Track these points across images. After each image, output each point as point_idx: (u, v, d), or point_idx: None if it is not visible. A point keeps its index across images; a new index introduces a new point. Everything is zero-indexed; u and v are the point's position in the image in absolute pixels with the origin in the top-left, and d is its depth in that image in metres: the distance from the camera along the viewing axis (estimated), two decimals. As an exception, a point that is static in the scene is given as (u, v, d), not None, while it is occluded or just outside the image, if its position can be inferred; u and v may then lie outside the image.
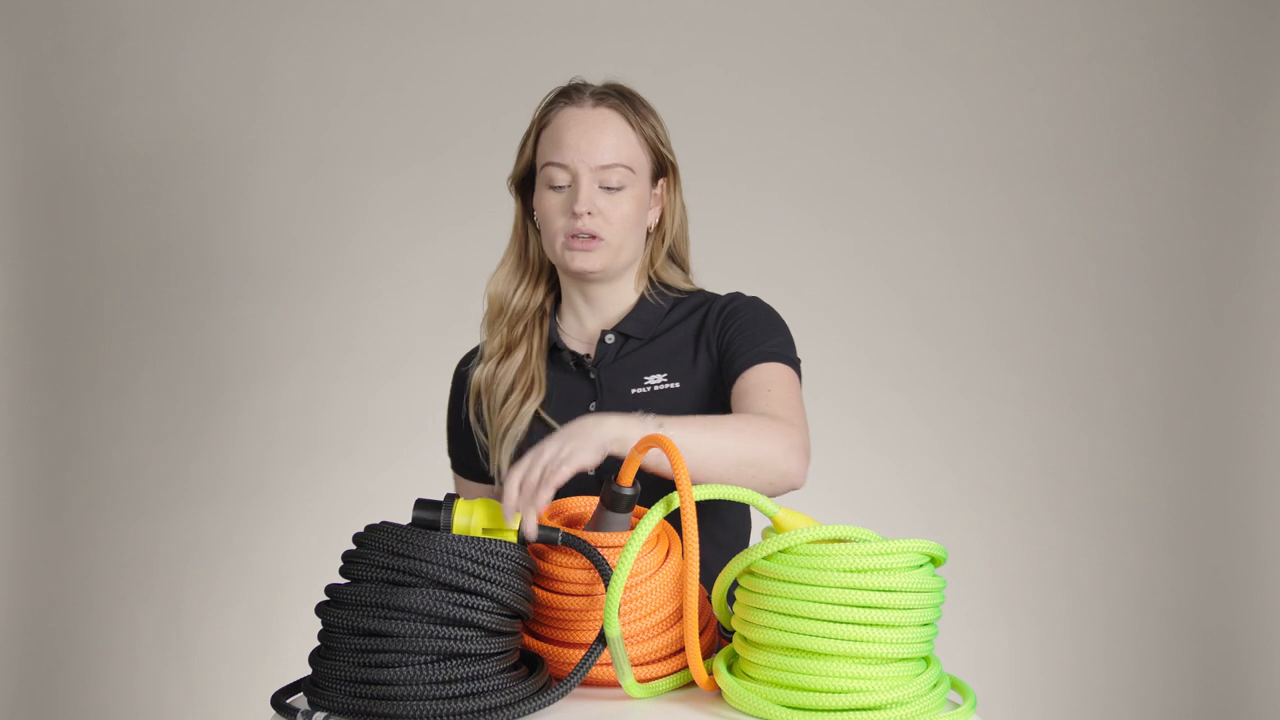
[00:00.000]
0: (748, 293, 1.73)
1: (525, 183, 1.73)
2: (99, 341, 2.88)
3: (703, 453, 1.35)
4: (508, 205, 1.78)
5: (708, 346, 1.65)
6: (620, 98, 1.68)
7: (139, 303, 2.88)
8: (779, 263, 2.92)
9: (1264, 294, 3.01)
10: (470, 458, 1.76)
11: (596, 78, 1.73)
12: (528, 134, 1.71)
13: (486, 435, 1.71)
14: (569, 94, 1.68)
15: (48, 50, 2.87)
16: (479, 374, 1.71)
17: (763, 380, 1.57)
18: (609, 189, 1.64)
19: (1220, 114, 3.02)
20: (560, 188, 1.64)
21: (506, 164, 1.76)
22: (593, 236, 1.63)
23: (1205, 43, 3.02)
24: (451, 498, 1.25)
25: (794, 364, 1.62)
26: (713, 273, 1.82)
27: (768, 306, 1.69)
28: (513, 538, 1.23)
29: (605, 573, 1.20)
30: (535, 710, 1.16)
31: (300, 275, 2.90)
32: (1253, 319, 3.02)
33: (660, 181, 1.72)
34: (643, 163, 1.67)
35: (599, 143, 1.63)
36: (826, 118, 2.98)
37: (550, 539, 1.23)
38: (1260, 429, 3.01)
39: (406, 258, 2.91)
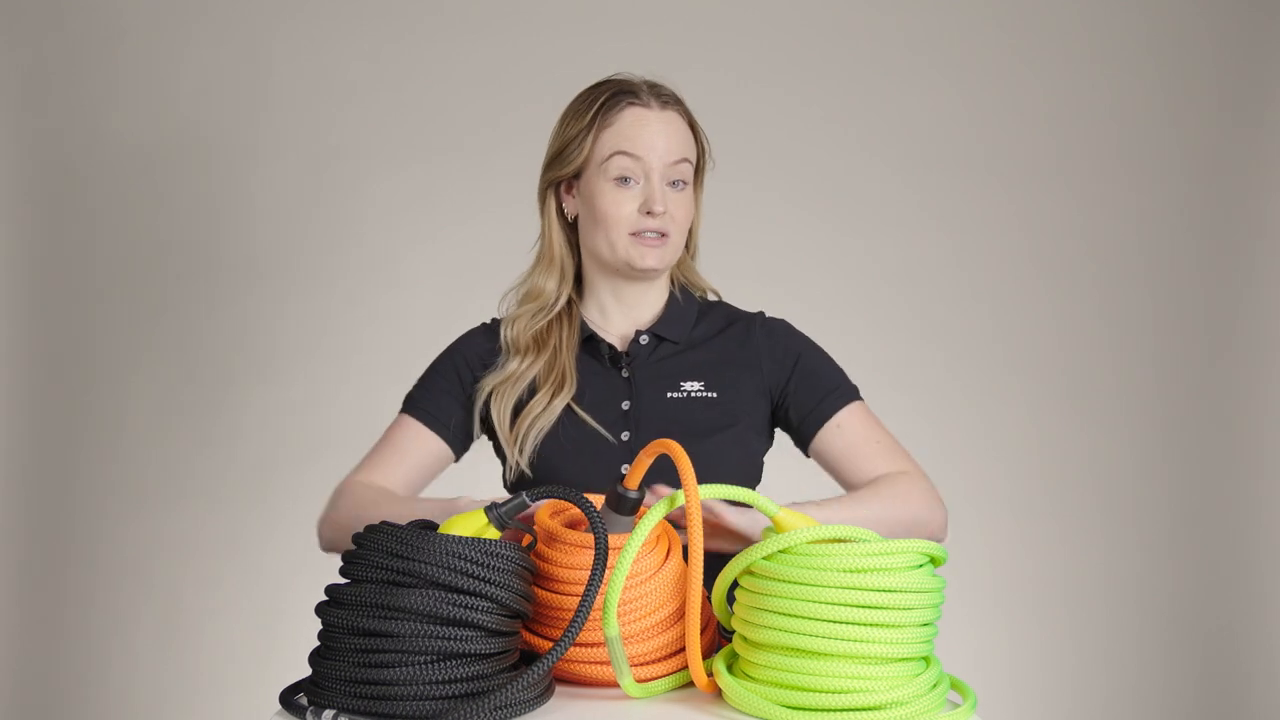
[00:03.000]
0: (754, 307, 1.77)
1: (562, 180, 1.71)
2: (100, 341, 2.88)
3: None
4: (508, 205, 1.78)
5: (756, 381, 1.68)
6: (680, 102, 1.70)
7: (140, 302, 2.88)
8: (779, 263, 2.92)
9: (1264, 294, 3.02)
10: (446, 412, 1.71)
11: (596, 77, 1.72)
12: (582, 131, 1.66)
13: (497, 423, 1.68)
14: (632, 92, 1.66)
15: (48, 50, 2.87)
16: (510, 368, 1.68)
17: (856, 429, 1.67)
18: (674, 187, 1.65)
19: (1220, 114, 3.02)
20: (628, 182, 1.63)
21: (507, 163, 1.76)
22: (663, 234, 1.64)
23: (1205, 43, 3.02)
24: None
25: (858, 393, 1.72)
26: (713, 273, 1.82)
27: (801, 333, 1.75)
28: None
29: (601, 545, 1.18)
30: (535, 709, 1.16)
31: (301, 275, 2.90)
32: (1253, 319, 3.02)
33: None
34: (695, 161, 1.71)
35: (671, 141, 1.65)
36: (826, 118, 2.98)
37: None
38: (1260, 429, 3.01)
39: (409, 257, 2.91)
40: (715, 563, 1.30)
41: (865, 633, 1.11)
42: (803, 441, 1.71)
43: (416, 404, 1.74)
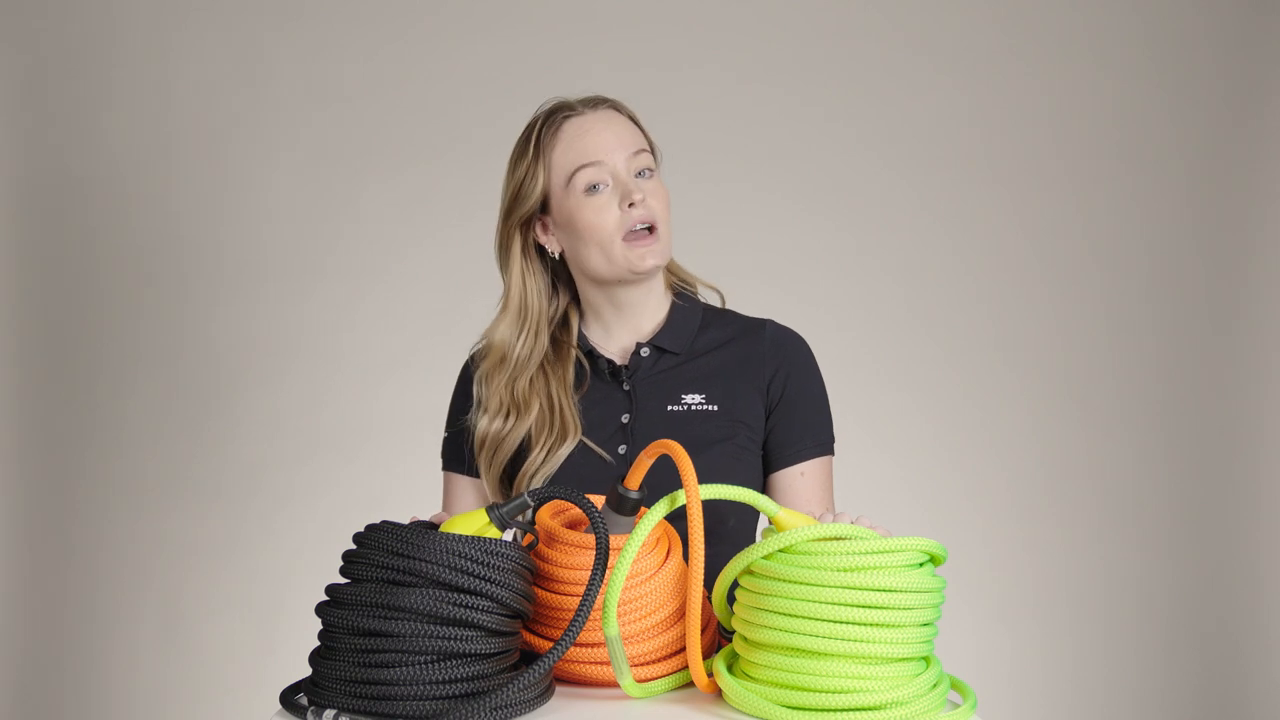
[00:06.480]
0: (754, 307, 1.73)
1: (526, 219, 1.67)
2: (99, 342, 2.88)
3: None
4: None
5: (757, 388, 1.65)
6: (611, 99, 1.67)
7: (139, 303, 2.88)
8: (780, 262, 2.92)
9: (1264, 294, 3.02)
10: (474, 456, 1.70)
11: (596, 77, 1.73)
12: (530, 164, 1.63)
13: (483, 476, 1.66)
14: (560, 110, 1.64)
15: (46, 51, 2.87)
16: (481, 427, 1.65)
17: (813, 483, 1.64)
18: (642, 176, 1.62)
19: (1220, 114, 3.02)
20: (598, 189, 1.60)
21: (504, 165, 1.74)
22: (651, 229, 1.60)
23: (1205, 43, 3.02)
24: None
25: (832, 446, 1.69)
26: (713, 273, 1.82)
27: (812, 358, 1.70)
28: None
29: (602, 545, 1.18)
30: (535, 709, 1.16)
31: (301, 275, 2.90)
32: (1253, 319, 3.02)
33: None
34: (653, 150, 1.68)
35: (620, 134, 1.62)
36: (827, 117, 2.98)
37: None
38: (1260, 430, 3.01)
39: (406, 258, 2.91)
40: (715, 563, 1.30)
41: (865, 633, 1.11)
42: (777, 455, 1.67)
43: (450, 458, 1.74)
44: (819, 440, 1.66)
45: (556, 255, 1.68)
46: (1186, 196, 3.02)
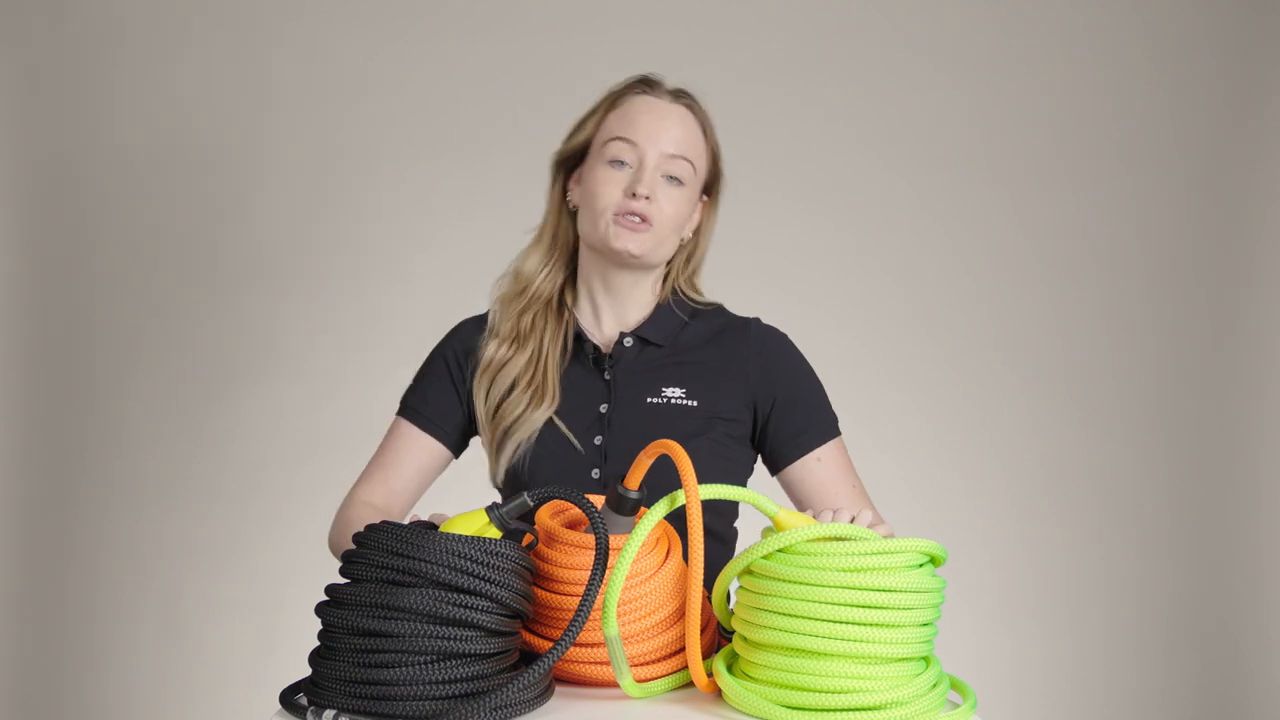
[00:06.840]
0: (754, 307, 1.74)
1: (569, 161, 1.70)
2: (100, 341, 2.88)
3: None
4: (508, 205, 1.78)
5: (740, 387, 1.65)
6: (695, 102, 1.69)
7: (140, 302, 2.88)
8: (781, 262, 2.92)
9: (1264, 294, 3.02)
10: (441, 413, 1.70)
11: (596, 77, 1.73)
12: (593, 112, 1.68)
13: (477, 411, 1.67)
14: (647, 83, 1.68)
15: (47, 50, 2.87)
16: (489, 352, 1.68)
17: (833, 468, 1.65)
18: (669, 180, 1.63)
19: (1220, 114, 3.02)
20: (621, 164, 1.62)
21: (509, 164, 1.76)
22: (643, 219, 1.61)
23: (1205, 43, 3.02)
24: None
25: (838, 427, 1.69)
26: (715, 273, 1.82)
27: (799, 353, 1.71)
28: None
29: (602, 545, 1.18)
30: (535, 709, 1.16)
31: (300, 275, 2.90)
32: (1253, 319, 3.02)
33: (704, 197, 1.72)
34: (702, 168, 1.68)
35: (672, 131, 1.63)
36: (827, 117, 2.98)
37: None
38: (1260, 430, 3.01)
39: (407, 258, 2.91)
40: (715, 563, 1.30)
41: (865, 633, 1.11)
42: (775, 465, 1.68)
43: (410, 406, 1.73)
44: (824, 424, 1.67)
45: (573, 205, 1.70)
46: (1186, 196, 3.02)
